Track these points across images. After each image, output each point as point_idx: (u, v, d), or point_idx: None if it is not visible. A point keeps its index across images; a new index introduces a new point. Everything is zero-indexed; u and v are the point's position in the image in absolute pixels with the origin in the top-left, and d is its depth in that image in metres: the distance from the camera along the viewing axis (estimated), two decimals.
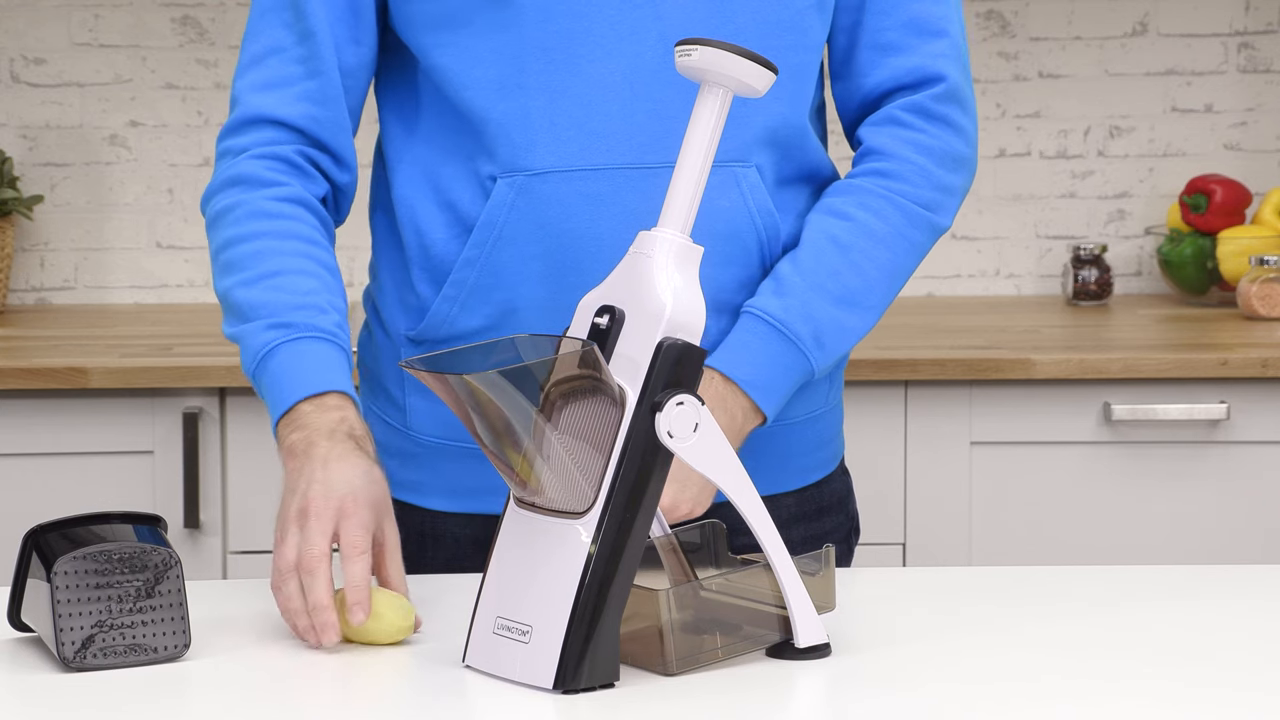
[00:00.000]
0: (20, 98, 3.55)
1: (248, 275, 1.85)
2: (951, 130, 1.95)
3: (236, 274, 1.86)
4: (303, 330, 1.81)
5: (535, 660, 1.56)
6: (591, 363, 1.55)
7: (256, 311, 1.83)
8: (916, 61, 1.94)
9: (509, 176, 1.87)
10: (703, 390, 1.81)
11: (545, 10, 1.85)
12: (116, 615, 1.61)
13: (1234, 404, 3.04)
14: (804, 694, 1.59)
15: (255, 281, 1.84)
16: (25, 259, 3.57)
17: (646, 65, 1.85)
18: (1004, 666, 1.63)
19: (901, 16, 1.94)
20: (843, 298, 1.90)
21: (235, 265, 1.86)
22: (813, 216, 1.93)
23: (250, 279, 1.85)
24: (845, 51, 1.96)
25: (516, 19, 1.85)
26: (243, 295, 1.85)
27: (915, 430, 3.05)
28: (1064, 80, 3.62)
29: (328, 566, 1.68)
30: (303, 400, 1.78)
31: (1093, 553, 3.05)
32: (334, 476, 1.72)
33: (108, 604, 1.61)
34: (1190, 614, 1.77)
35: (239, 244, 1.87)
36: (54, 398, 2.99)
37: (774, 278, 1.89)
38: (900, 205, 1.92)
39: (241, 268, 1.86)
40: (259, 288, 1.84)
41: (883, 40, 1.94)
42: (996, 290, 3.65)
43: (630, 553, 1.56)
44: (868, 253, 1.91)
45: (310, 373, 1.80)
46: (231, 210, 1.89)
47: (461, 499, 1.95)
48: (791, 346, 1.87)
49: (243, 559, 3.02)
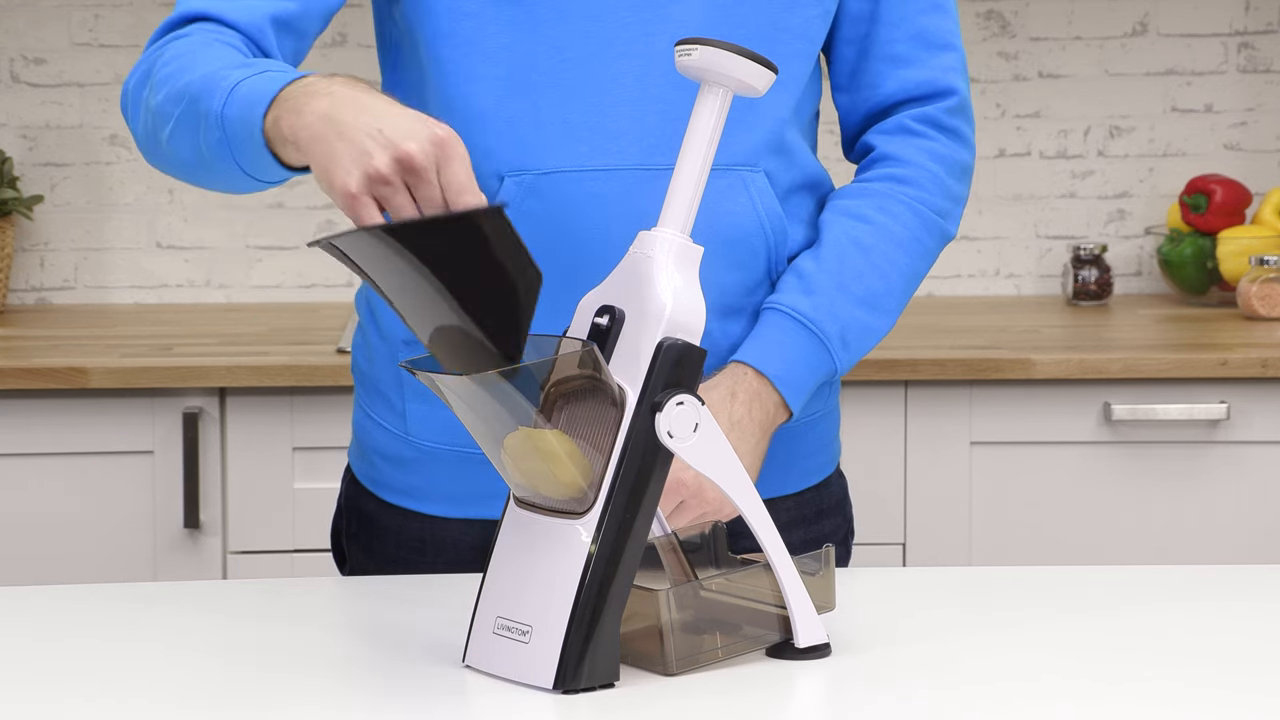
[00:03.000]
0: (20, 98, 3.55)
1: (193, 63, 1.71)
2: (959, 141, 1.99)
3: (189, 72, 1.71)
4: (270, 66, 1.66)
5: (535, 660, 1.56)
6: (591, 363, 1.55)
7: (219, 73, 1.67)
8: (927, 75, 1.96)
9: (517, 175, 1.86)
10: (737, 384, 1.82)
11: (559, 9, 1.85)
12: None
13: (1234, 404, 3.04)
14: (804, 694, 1.59)
15: (205, 63, 1.70)
16: (25, 259, 3.57)
17: (658, 67, 1.85)
18: (1004, 666, 1.63)
19: (910, 29, 1.96)
20: (865, 299, 1.91)
21: (179, 71, 1.72)
22: (831, 217, 1.93)
23: (197, 63, 1.71)
24: (854, 63, 1.98)
25: (529, 16, 1.85)
26: (192, 76, 1.69)
27: (915, 430, 3.05)
28: (1064, 80, 3.62)
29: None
30: (288, 84, 1.61)
31: (1093, 553, 3.05)
32: (398, 124, 1.52)
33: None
34: (1190, 614, 1.77)
35: (180, 58, 1.74)
36: (54, 398, 2.99)
37: (799, 275, 1.90)
38: (917, 211, 1.94)
39: (194, 65, 1.71)
40: (210, 63, 1.70)
41: (893, 52, 1.96)
42: (996, 290, 3.65)
43: (630, 553, 1.56)
44: (888, 256, 1.92)
45: (289, 74, 1.63)
46: (163, 48, 1.77)
47: (462, 504, 1.95)
48: (820, 346, 1.88)
49: (243, 559, 3.02)
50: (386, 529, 1.99)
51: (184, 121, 1.70)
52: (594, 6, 1.85)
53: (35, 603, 1.86)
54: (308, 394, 3.00)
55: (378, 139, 1.50)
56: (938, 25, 1.97)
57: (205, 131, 1.67)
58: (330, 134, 1.53)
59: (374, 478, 2.00)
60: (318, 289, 3.60)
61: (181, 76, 1.72)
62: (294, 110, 1.57)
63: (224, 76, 1.66)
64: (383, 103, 1.53)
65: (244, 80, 1.65)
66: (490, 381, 1.51)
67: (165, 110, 1.72)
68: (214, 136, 1.66)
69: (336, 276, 3.59)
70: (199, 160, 1.71)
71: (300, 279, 3.60)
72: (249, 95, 1.63)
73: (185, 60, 1.74)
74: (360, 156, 1.50)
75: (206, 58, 1.73)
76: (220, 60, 1.71)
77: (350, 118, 1.52)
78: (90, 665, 1.64)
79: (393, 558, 1.98)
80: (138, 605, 1.83)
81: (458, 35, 1.87)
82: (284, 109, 1.58)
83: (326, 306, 3.54)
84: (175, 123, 1.71)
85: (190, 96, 1.69)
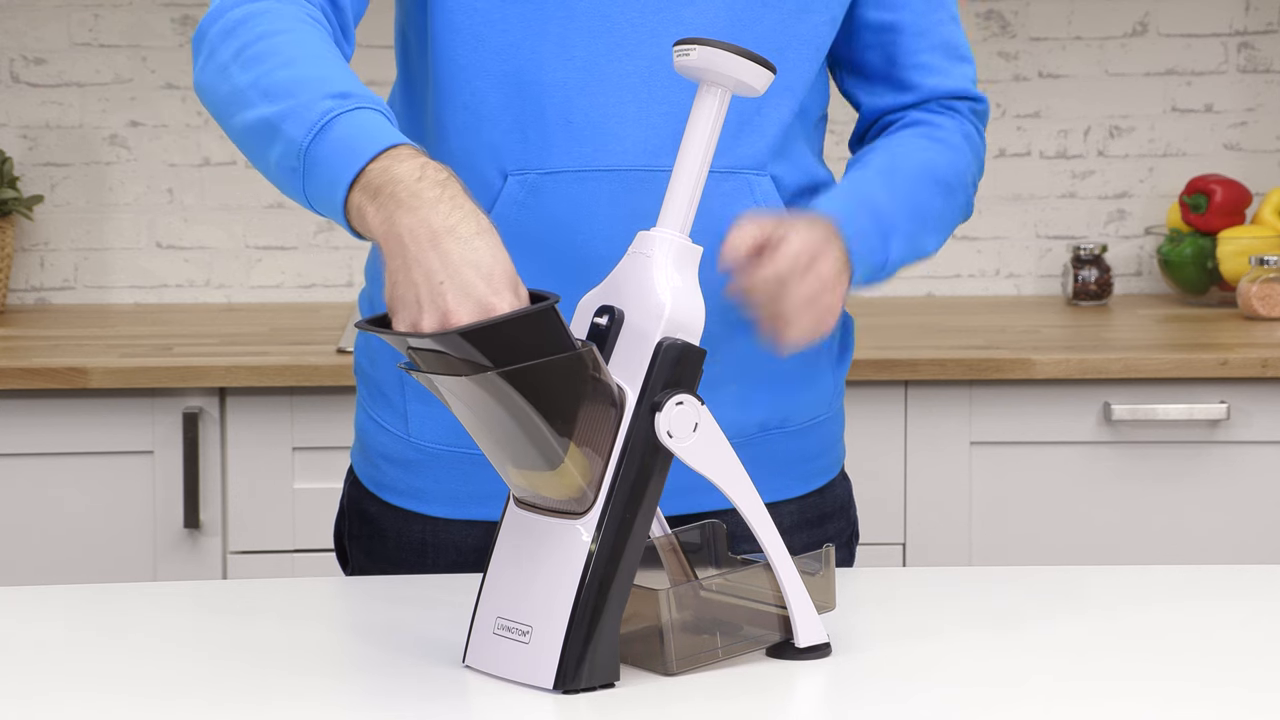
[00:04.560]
0: (20, 98, 3.55)
1: (289, 57, 1.69)
2: (981, 140, 2.02)
3: (270, 60, 1.69)
4: (363, 101, 1.64)
5: (535, 660, 1.55)
6: (591, 363, 1.55)
7: (306, 86, 1.65)
8: (955, 84, 2.00)
9: (520, 175, 1.86)
10: (815, 226, 1.78)
11: (568, 8, 1.85)
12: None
13: (1234, 404, 3.05)
14: (804, 694, 1.59)
15: (300, 61, 1.68)
16: (25, 259, 3.57)
17: (665, 68, 1.85)
18: (1004, 666, 1.63)
19: (935, 40, 1.99)
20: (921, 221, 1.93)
21: (270, 53, 1.70)
22: (908, 138, 1.97)
23: (292, 59, 1.69)
24: (880, 69, 1.99)
25: (538, 14, 1.85)
26: (285, 74, 1.67)
27: (915, 430, 3.05)
28: (1064, 80, 3.62)
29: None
30: (378, 155, 1.60)
31: (1093, 553, 3.05)
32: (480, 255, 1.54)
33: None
34: (1190, 614, 1.77)
35: (274, 36, 1.71)
36: (54, 398, 2.99)
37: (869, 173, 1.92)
38: (955, 160, 1.97)
39: (277, 54, 1.69)
40: (305, 66, 1.68)
41: (920, 61, 1.99)
42: (996, 290, 3.65)
43: (630, 553, 1.56)
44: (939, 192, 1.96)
45: (378, 134, 1.62)
46: (261, 14, 1.74)
47: (463, 505, 1.95)
48: (880, 229, 1.87)
49: (243, 559, 3.02)
50: (387, 531, 1.99)
51: (261, 128, 1.68)
52: (603, 6, 1.85)
53: (36, 603, 1.86)
54: (308, 394, 3.00)
55: (435, 300, 1.51)
56: (959, 38, 2.01)
57: (282, 154, 1.66)
58: (400, 264, 1.54)
59: (376, 479, 2.00)
60: (318, 289, 3.60)
61: (270, 64, 1.69)
62: (380, 211, 1.56)
63: (311, 104, 1.64)
64: (457, 243, 1.53)
65: (333, 118, 1.63)
66: (489, 383, 1.51)
67: (248, 98, 1.69)
68: (289, 164, 1.65)
69: (336, 276, 3.59)
70: (264, 163, 1.70)
71: (300, 279, 3.60)
72: (336, 150, 1.61)
73: (277, 43, 1.71)
74: (413, 307, 1.52)
75: (299, 50, 1.70)
76: (311, 61, 1.69)
77: (422, 256, 1.53)
78: (90, 665, 1.64)
79: (394, 560, 1.98)
80: (138, 605, 1.83)
81: (465, 31, 1.86)
82: (368, 198, 1.58)
83: (326, 306, 3.54)
84: (253, 122, 1.68)
85: (275, 99, 1.66)
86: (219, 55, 1.74)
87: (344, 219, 1.61)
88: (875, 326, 3.23)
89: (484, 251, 1.53)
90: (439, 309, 1.51)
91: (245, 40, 1.72)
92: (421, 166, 1.58)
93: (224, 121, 1.74)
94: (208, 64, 1.75)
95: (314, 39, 1.72)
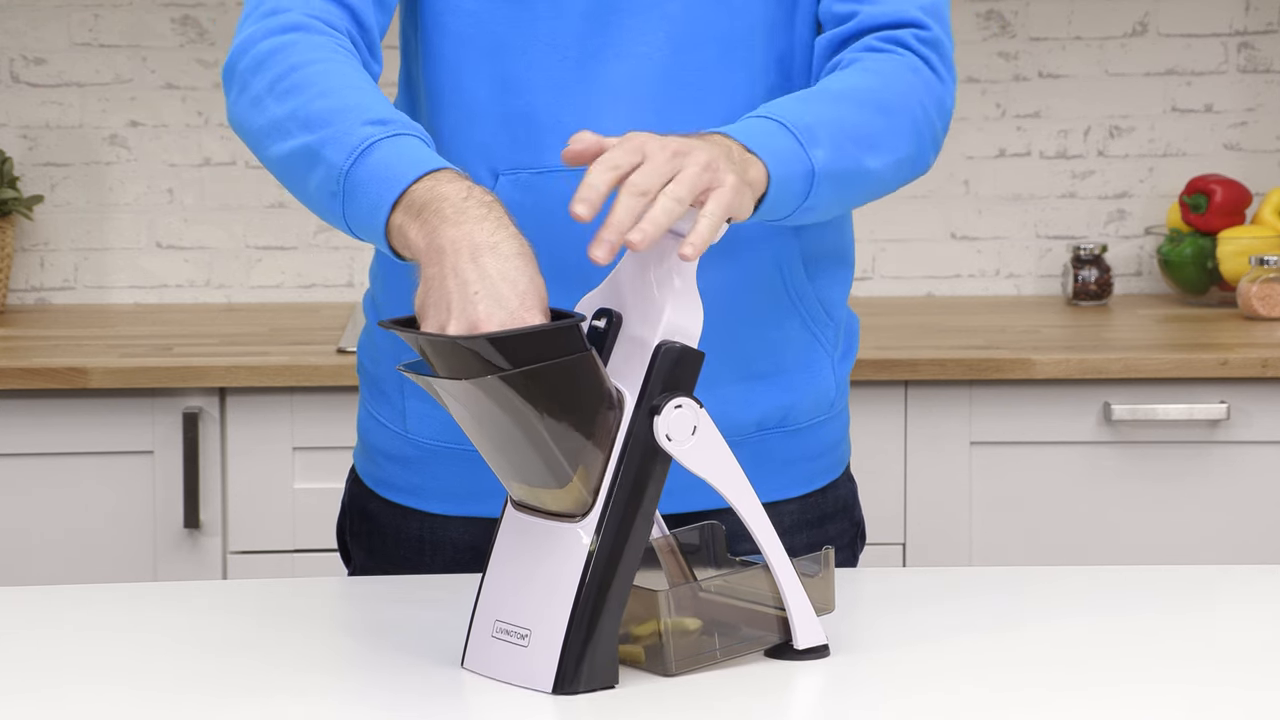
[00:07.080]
0: (20, 98, 3.55)
1: (325, 88, 1.71)
2: (934, 72, 1.87)
3: (306, 91, 1.71)
4: (403, 128, 1.66)
5: (534, 663, 1.55)
6: (590, 366, 1.54)
7: (345, 114, 1.67)
8: (894, 9, 1.86)
9: (512, 174, 1.86)
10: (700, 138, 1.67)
11: (557, 7, 1.85)
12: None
13: (1234, 404, 3.05)
14: (803, 694, 1.59)
15: (336, 92, 1.70)
16: (25, 259, 3.57)
17: (655, 68, 1.85)
18: (1004, 666, 1.63)
19: None
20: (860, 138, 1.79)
21: (305, 85, 1.71)
22: (834, 76, 1.83)
23: (329, 90, 1.70)
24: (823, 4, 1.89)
25: (528, 13, 1.85)
26: (323, 104, 1.69)
27: (915, 430, 3.05)
28: (1064, 80, 3.62)
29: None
30: (422, 177, 1.62)
31: (1093, 553, 3.05)
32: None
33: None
34: (1190, 614, 1.77)
35: (307, 67, 1.73)
36: (54, 398, 2.99)
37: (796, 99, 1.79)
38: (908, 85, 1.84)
39: (312, 85, 1.71)
40: (342, 95, 1.70)
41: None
42: (996, 290, 3.65)
43: (629, 555, 1.56)
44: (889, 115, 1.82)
45: (421, 157, 1.64)
46: (290, 45, 1.76)
47: (461, 502, 1.95)
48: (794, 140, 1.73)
49: (243, 559, 3.02)
50: (387, 528, 1.99)
51: (301, 155, 1.69)
52: (592, 5, 1.85)
53: (36, 603, 1.86)
54: (308, 394, 3.00)
55: (466, 308, 1.52)
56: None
57: (323, 179, 1.67)
58: (436, 271, 1.55)
59: (377, 477, 2.00)
60: (318, 289, 3.60)
61: (306, 95, 1.70)
62: (424, 226, 1.58)
63: (351, 130, 1.66)
64: (497, 259, 1.54)
65: (374, 143, 1.64)
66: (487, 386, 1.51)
67: (286, 129, 1.71)
68: (329, 188, 1.66)
69: (336, 276, 3.59)
70: (303, 191, 1.71)
71: (300, 279, 3.60)
72: (377, 174, 1.62)
73: (310, 73, 1.72)
74: (443, 312, 1.53)
75: (334, 80, 1.71)
76: (347, 90, 1.70)
77: (460, 266, 1.54)
78: (90, 665, 1.64)
79: (393, 557, 1.99)
80: (138, 605, 1.83)
81: (455, 30, 1.87)
82: (410, 216, 1.59)
83: (326, 306, 3.54)
84: (292, 151, 1.70)
85: (314, 129, 1.67)
86: (252, 88, 1.75)
87: (384, 240, 1.62)
88: (875, 326, 3.23)
89: (522, 270, 1.55)
90: (469, 316, 1.52)
91: (278, 72, 1.74)
92: (468, 188, 1.60)
93: (261, 153, 1.75)
94: (240, 98, 1.77)
95: (347, 68, 1.74)
